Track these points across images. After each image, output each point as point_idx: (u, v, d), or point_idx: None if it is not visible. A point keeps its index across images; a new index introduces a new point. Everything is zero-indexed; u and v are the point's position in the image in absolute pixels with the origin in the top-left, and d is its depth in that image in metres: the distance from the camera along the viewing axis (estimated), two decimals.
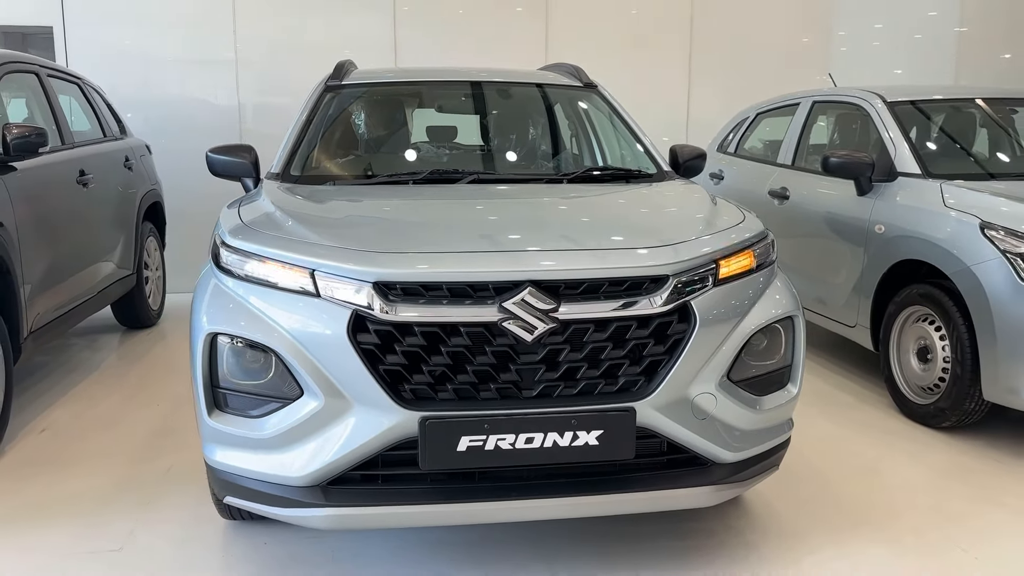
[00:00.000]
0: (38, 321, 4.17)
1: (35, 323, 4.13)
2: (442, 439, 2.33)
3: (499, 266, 2.39)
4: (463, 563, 2.80)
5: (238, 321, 2.45)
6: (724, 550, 2.88)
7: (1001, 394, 3.64)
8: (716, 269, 2.53)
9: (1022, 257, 3.55)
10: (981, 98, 5.02)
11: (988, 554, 2.86)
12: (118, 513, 3.19)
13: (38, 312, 4.16)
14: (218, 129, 7.44)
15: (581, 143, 4.01)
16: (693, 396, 2.46)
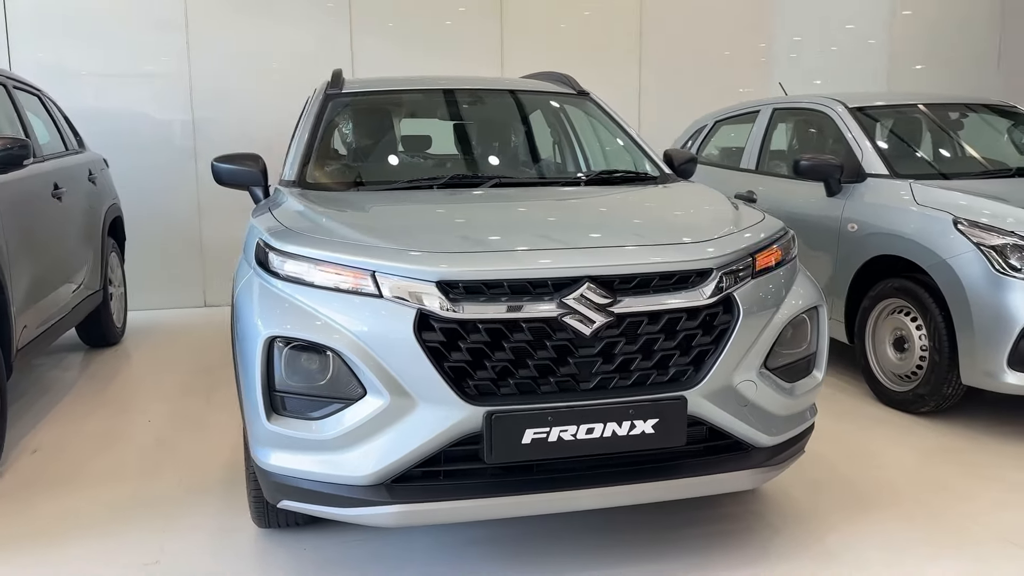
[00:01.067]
0: (24, 337, 4.05)
1: (22, 339, 4.01)
2: (507, 432, 2.39)
3: (558, 263, 2.47)
4: (496, 559, 2.85)
5: (297, 324, 2.46)
6: (752, 534, 3.01)
7: (979, 378, 3.89)
8: (753, 263, 2.67)
9: (995, 249, 3.81)
10: (933, 104, 5.34)
11: (993, 523, 3.06)
12: (141, 527, 3.13)
13: (24, 327, 4.04)
14: (170, 144, 7.32)
15: (582, 147, 4.13)
16: (736, 384, 2.59)
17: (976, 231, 3.91)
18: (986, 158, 5.07)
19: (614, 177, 3.55)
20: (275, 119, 7.40)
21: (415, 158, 3.95)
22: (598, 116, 4.07)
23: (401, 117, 4.10)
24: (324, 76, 7.20)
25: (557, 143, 4.15)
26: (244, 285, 2.71)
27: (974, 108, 5.51)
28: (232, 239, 7.32)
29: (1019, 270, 3.74)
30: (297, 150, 3.54)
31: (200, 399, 4.73)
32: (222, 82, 7.33)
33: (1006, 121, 5.50)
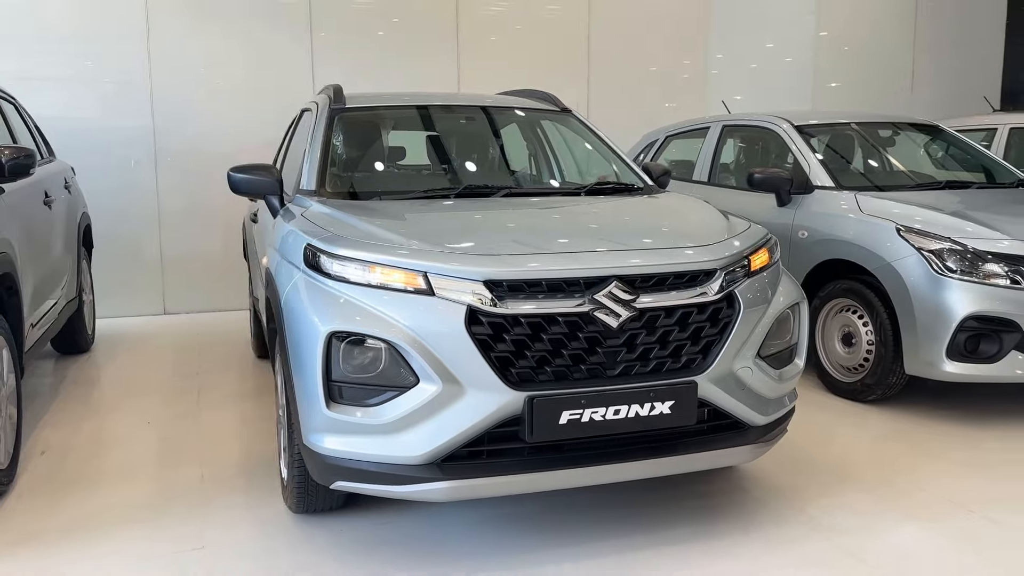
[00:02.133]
0: (30, 339, 4.15)
1: (28, 341, 4.11)
2: (547, 414, 2.69)
3: (588, 264, 2.80)
4: (518, 532, 3.14)
5: (355, 320, 2.71)
6: (742, 505, 3.38)
7: (921, 367, 4.37)
8: (748, 264, 3.05)
9: (935, 253, 4.31)
10: (867, 122, 5.89)
11: (943, 491, 3.51)
12: (176, 519, 3.30)
13: (31, 329, 4.15)
14: (130, 151, 7.37)
15: (575, 160, 4.46)
16: (736, 370, 2.95)
17: (916, 237, 4.40)
18: (916, 172, 5.63)
19: (607, 188, 3.90)
20: (237, 129, 7.57)
21: (427, 170, 4.22)
22: (581, 132, 4.42)
23: (406, 131, 4.36)
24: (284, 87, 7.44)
25: (549, 157, 4.48)
26: (294, 286, 2.94)
27: (901, 126, 6.08)
28: (192, 247, 7.50)
29: (955, 271, 4.24)
30: (312, 162, 3.75)
31: (191, 401, 4.87)
32: (183, 91, 7.43)
33: (928, 138, 6.10)
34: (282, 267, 3.16)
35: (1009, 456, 3.94)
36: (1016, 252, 4.23)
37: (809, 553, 3.00)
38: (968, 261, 4.24)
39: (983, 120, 7.62)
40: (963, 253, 4.26)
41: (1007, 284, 4.19)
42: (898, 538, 3.12)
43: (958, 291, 4.22)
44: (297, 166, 4.10)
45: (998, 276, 4.20)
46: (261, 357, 5.85)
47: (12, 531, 3.20)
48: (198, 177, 7.59)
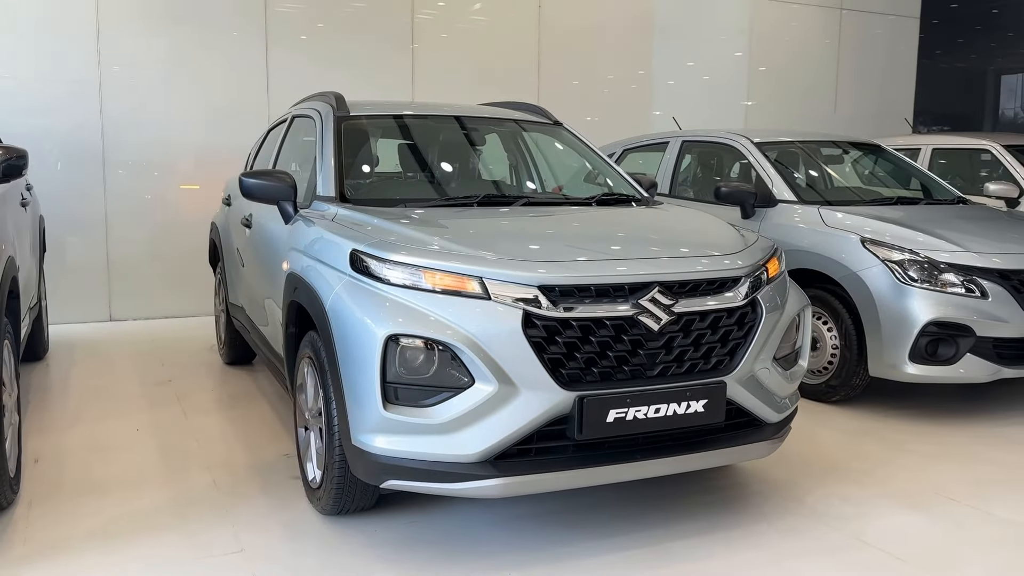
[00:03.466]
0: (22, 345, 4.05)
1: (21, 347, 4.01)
2: (596, 413, 2.84)
3: (632, 270, 2.97)
4: (542, 529, 3.28)
5: (412, 323, 2.79)
6: (747, 500, 3.60)
7: (885, 370, 4.71)
8: (766, 272, 3.28)
9: (898, 264, 4.66)
10: (817, 140, 6.28)
11: (923, 482, 3.82)
12: (204, 524, 3.29)
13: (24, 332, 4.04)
14: (78, 153, 7.15)
15: (569, 172, 4.63)
16: (757, 370, 3.17)
17: (880, 248, 4.75)
18: (865, 188, 6.04)
19: (613, 198, 4.09)
20: (189, 132, 7.45)
21: (442, 178, 4.31)
22: (574, 144, 4.60)
23: (413, 140, 4.44)
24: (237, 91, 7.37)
25: (551, 168, 4.63)
26: (342, 290, 3.00)
27: (843, 145, 6.51)
28: (142, 252, 7.32)
29: (917, 280, 4.60)
30: (326, 168, 3.80)
31: (174, 408, 4.80)
32: (133, 92, 7.26)
33: (872, 156, 6.54)
34: (318, 270, 3.21)
35: (970, 448, 4.30)
36: (970, 263, 4.62)
37: (821, 539, 3.24)
38: (927, 271, 4.61)
39: (908, 141, 8.19)
40: (923, 263, 4.63)
41: (963, 292, 4.57)
42: (895, 523, 3.40)
43: (920, 299, 4.58)
44: (301, 174, 4.14)
45: (955, 285, 4.58)
46: (230, 364, 5.79)
47: (34, 540, 3.14)
48: (148, 181, 7.44)
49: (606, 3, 9.15)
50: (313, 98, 4.63)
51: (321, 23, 7.89)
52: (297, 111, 4.73)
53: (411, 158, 4.36)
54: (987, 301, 4.56)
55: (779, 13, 10.09)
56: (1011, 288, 4.60)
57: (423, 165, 4.35)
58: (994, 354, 4.62)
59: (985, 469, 4.02)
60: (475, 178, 4.41)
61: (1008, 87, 17.66)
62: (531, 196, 4.09)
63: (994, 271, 4.61)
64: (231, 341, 5.61)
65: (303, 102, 4.81)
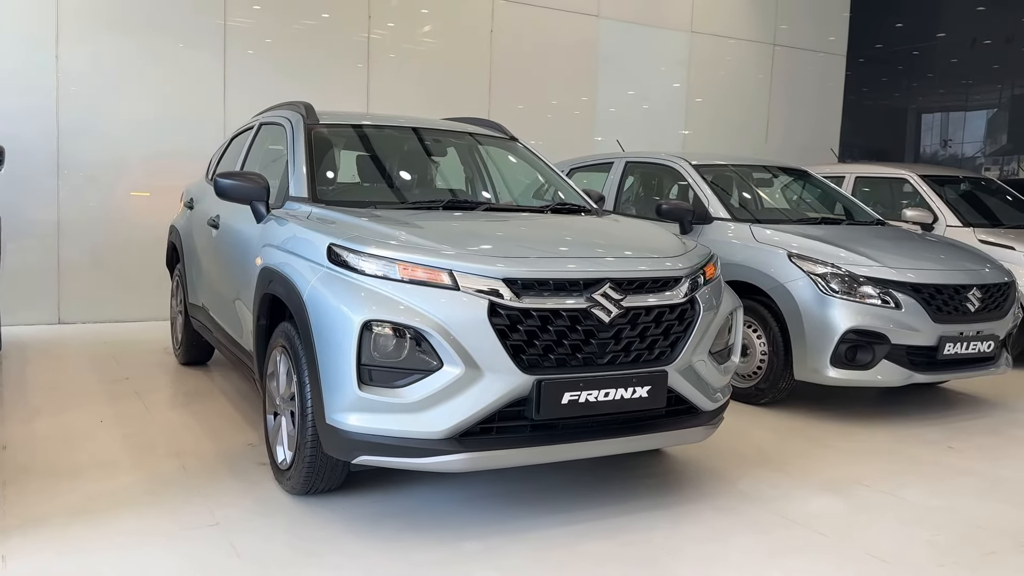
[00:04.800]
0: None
1: None
2: (552, 395, 3.14)
3: (587, 267, 3.28)
4: (511, 506, 3.55)
5: (386, 310, 3.06)
6: (685, 482, 3.93)
7: (809, 374, 5.12)
8: (704, 274, 3.63)
9: (821, 277, 5.08)
10: (750, 165, 6.74)
11: (843, 473, 4.21)
12: (179, 501, 3.47)
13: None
14: (31, 156, 7.21)
15: (523, 183, 4.95)
16: (694, 362, 3.51)
17: (805, 262, 5.17)
18: (793, 209, 6.50)
19: (565, 207, 4.42)
20: (144, 138, 7.57)
21: (408, 183, 4.58)
22: (528, 158, 4.92)
23: (381, 148, 4.71)
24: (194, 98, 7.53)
25: (504, 179, 4.95)
26: (319, 282, 3.25)
27: (773, 169, 6.99)
28: (93, 257, 7.39)
29: (838, 292, 5.03)
30: (298, 172, 4.04)
31: (136, 403, 4.94)
32: (91, 97, 7.36)
33: (799, 181, 7.03)
34: (293, 264, 3.45)
35: (886, 445, 4.71)
36: (886, 277, 5.07)
37: (751, 517, 3.58)
38: (847, 283, 5.05)
39: (833, 168, 8.75)
40: (844, 277, 5.06)
41: (879, 303, 5.01)
42: (817, 504, 3.76)
43: (840, 309, 5.00)
44: (271, 177, 4.36)
45: (872, 296, 5.02)
46: (186, 364, 5.93)
47: (13, 516, 3.28)
48: (102, 186, 7.53)
49: (555, 30, 9.57)
50: (282, 107, 4.87)
51: (279, 36, 8.11)
52: (265, 119, 4.95)
53: (378, 165, 4.63)
54: (901, 312, 5.00)
55: (715, 46, 10.66)
56: (922, 300, 5.06)
57: (389, 171, 4.63)
58: (907, 360, 5.07)
59: (899, 462, 4.43)
60: (437, 185, 4.70)
61: (927, 125, 18.74)
62: (491, 203, 4.40)
63: (907, 284, 5.07)
64: (189, 342, 5.75)
65: (271, 110, 5.04)
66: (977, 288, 5.27)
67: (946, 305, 5.15)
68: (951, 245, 5.92)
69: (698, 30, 10.47)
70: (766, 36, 11.01)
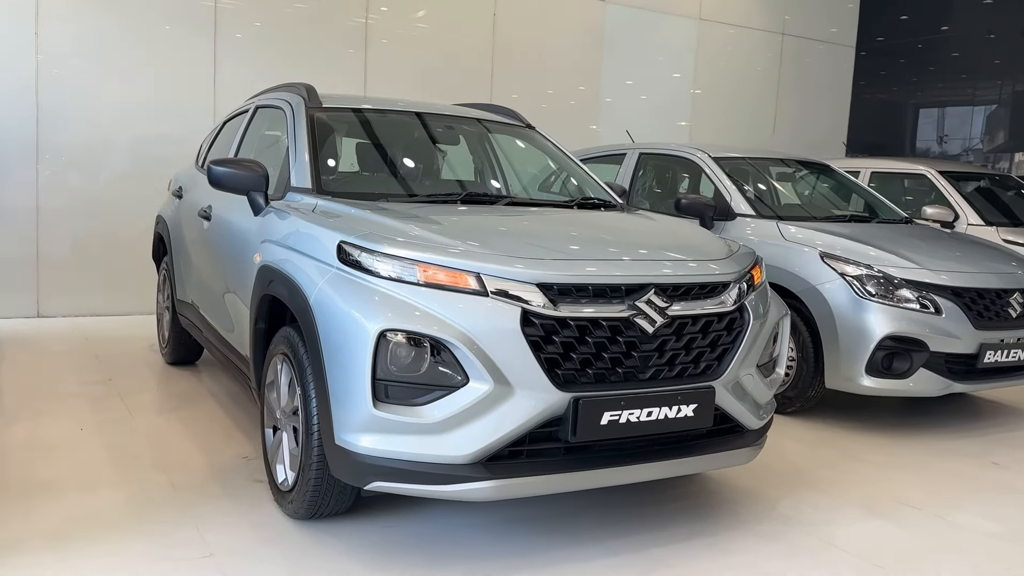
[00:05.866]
0: None
1: None
2: (590, 415, 2.79)
3: (631, 272, 2.94)
4: (534, 534, 3.22)
5: (406, 318, 2.70)
6: (720, 506, 3.60)
7: (841, 382, 4.80)
8: (752, 279, 3.29)
9: (856, 279, 4.76)
10: (771, 158, 6.40)
11: (883, 490, 3.89)
12: (168, 526, 3.11)
13: None
14: (7, 139, 6.79)
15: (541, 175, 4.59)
16: (741, 376, 3.18)
17: (839, 263, 4.85)
18: (817, 205, 6.18)
19: (592, 201, 4.06)
20: (129, 123, 7.17)
21: (421, 173, 4.21)
22: (545, 148, 4.56)
23: (390, 135, 4.33)
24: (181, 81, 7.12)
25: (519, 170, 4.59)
26: (328, 284, 2.88)
27: (792, 164, 6.65)
28: (74, 247, 6.98)
29: (874, 295, 4.71)
30: (301, 160, 3.67)
31: (118, 407, 4.57)
32: (72, 80, 6.94)
33: (822, 176, 6.71)
34: (297, 263, 3.09)
35: (921, 459, 4.40)
36: (925, 279, 4.75)
37: (798, 544, 3.26)
38: (884, 286, 4.73)
39: (847, 163, 8.43)
40: (880, 279, 4.74)
41: (918, 308, 4.70)
42: (865, 529, 3.45)
43: (877, 313, 4.68)
44: (274, 165, 3.99)
45: (910, 300, 4.71)
46: (173, 364, 5.55)
47: None
48: (84, 173, 7.11)
49: (559, 15, 9.18)
50: (280, 89, 4.48)
51: (271, 19, 7.69)
52: (262, 102, 4.57)
53: (387, 153, 4.25)
54: (941, 317, 4.69)
55: (724, 35, 10.31)
56: (963, 305, 4.75)
57: (399, 161, 4.25)
58: (946, 369, 4.76)
59: (941, 479, 4.12)
60: (451, 176, 4.33)
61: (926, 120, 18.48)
62: (513, 196, 4.04)
63: (947, 288, 4.76)
64: (176, 340, 5.38)
65: (268, 92, 4.66)
66: (1020, 292, 4.96)
67: (987, 310, 4.84)
68: (986, 246, 5.61)
69: (707, 17, 10.11)
70: (775, 25, 10.67)
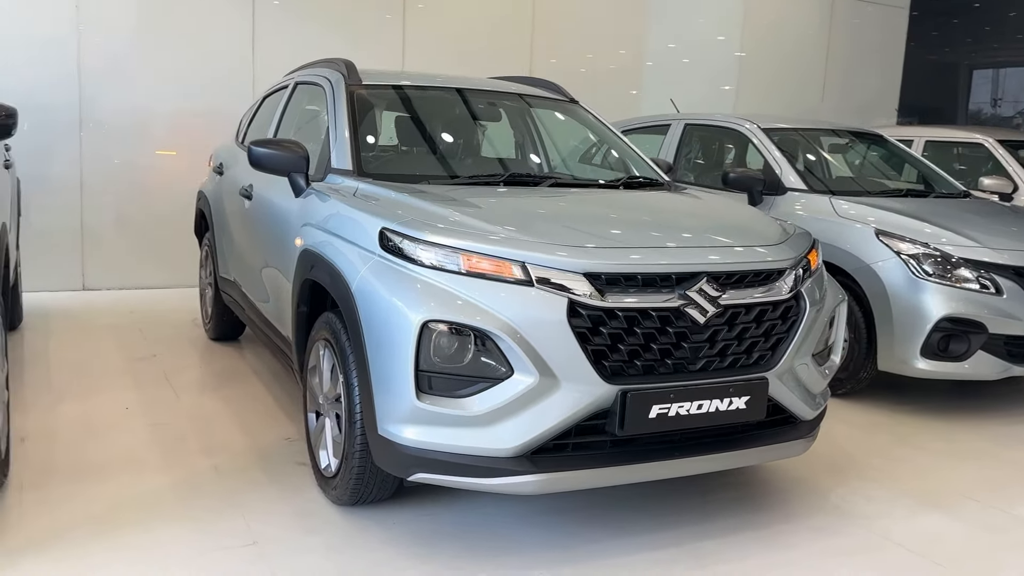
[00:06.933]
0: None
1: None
2: (639, 408, 2.71)
3: (681, 259, 2.83)
4: (564, 524, 3.15)
5: (449, 309, 2.62)
6: (770, 497, 3.51)
7: (895, 364, 4.65)
8: (809, 264, 3.16)
9: (913, 257, 4.59)
10: (823, 129, 6.19)
11: (943, 481, 3.77)
12: (212, 512, 3.10)
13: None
14: (52, 113, 6.80)
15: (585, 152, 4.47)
16: (796, 366, 3.06)
17: (895, 241, 4.67)
18: (872, 179, 5.96)
19: (638, 181, 3.94)
20: (170, 94, 7.14)
21: (464, 153, 4.11)
22: (590, 123, 4.43)
23: (432, 113, 4.24)
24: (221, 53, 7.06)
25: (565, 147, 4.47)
26: (370, 272, 2.82)
27: (844, 135, 6.43)
28: (118, 219, 7.01)
29: (931, 275, 4.53)
30: (341, 140, 3.59)
31: (163, 386, 4.58)
32: (114, 52, 6.92)
33: (875, 147, 6.48)
34: (339, 248, 3.02)
35: (979, 446, 4.26)
36: (985, 259, 4.56)
37: (852, 539, 3.16)
38: (942, 266, 4.55)
39: (900, 132, 8.15)
40: (938, 258, 4.56)
41: (977, 288, 4.51)
42: (922, 523, 3.33)
43: (934, 294, 4.51)
44: (310, 143, 3.92)
45: (969, 280, 4.52)
46: (216, 340, 5.57)
47: (32, 527, 2.93)
48: (126, 145, 7.11)
49: None
50: (319, 64, 4.40)
51: None
52: (301, 77, 4.49)
53: (429, 132, 4.16)
54: (1001, 298, 4.51)
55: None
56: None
57: (442, 139, 4.15)
58: (1005, 351, 4.58)
59: (999, 469, 3.98)
60: (495, 155, 4.23)
61: (979, 82, 17.82)
62: (558, 176, 3.93)
63: (1009, 267, 4.56)
64: (219, 317, 5.38)
65: (306, 68, 4.58)
66: None
67: None
68: None
69: None
70: None
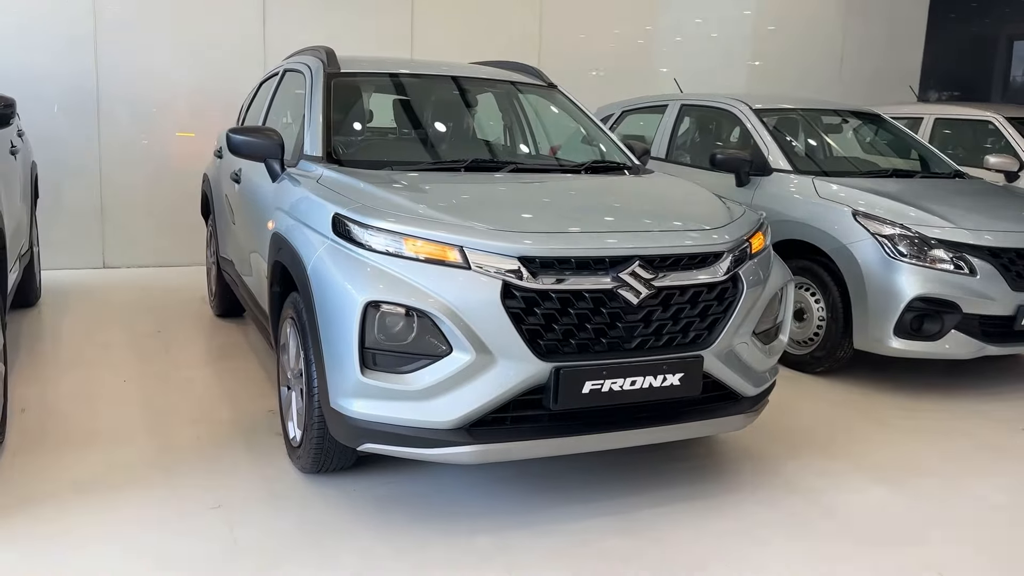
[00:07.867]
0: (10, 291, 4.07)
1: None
2: (571, 384, 2.86)
3: (614, 243, 2.96)
4: (521, 492, 3.33)
5: (391, 290, 2.80)
6: (724, 468, 3.65)
7: (870, 343, 4.73)
8: (749, 247, 3.27)
9: (888, 238, 4.65)
10: (817, 109, 6.22)
11: (896, 456, 3.87)
12: (186, 478, 3.34)
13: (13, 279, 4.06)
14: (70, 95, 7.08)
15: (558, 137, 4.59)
16: (735, 345, 3.19)
17: (871, 222, 4.73)
18: (862, 159, 5.99)
19: (603, 165, 4.06)
20: (185, 77, 7.38)
21: (431, 141, 4.27)
22: (567, 108, 4.55)
23: (404, 100, 4.40)
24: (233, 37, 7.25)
25: (539, 132, 4.60)
26: (323, 255, 3.00)
27: (844, 113, 6.44)
28: (134, 199, 7.30)
29: (906, 255, 4.59)
30: (314, 127, 3.77)
31: (163, 359, 4.84)
32: (130, 35, 7.17)
33: (871, 126, 6.49)
34: (301, 232, 3.21)
35: (948, 423, 4.33)
36: (959, 239, 4.61)
37: (794, 513, 3.29)
38: (917, 247, 4.60)
39: (910, 109, 8.10)
40: (913, 239, 4.62)
41: (951, 269, 4.57)
42: (868, 498, 3.45)
43: (907, 274, 4.57)
44: (292, 130, 4.11)
45: (943, 261, 4.58)
46: (221, 316, 5.82)
47: (23, 487, 3.20)
48: (143, 127, 7.39)
49: None
50: (304, 52, 4.58)
51: None
52: (288, 64, 4.68)
53: (401, 118, 4.32)
54: (975, 278, 4.56)
55: None
56: (1000, 266, 4.59)
57: (413, 126, 4.31)
58: (979, 331, 4.63)
59: (961, 445, 4.06)
60: (465, 141, 4.38)
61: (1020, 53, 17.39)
62: (520, 162, 4.07)
63: (984, 248, 4.60)
64: (222, 293, 5.63)
65: (295, 55, 4.76)
66: None
67: None
68: None
69: None
70: None
